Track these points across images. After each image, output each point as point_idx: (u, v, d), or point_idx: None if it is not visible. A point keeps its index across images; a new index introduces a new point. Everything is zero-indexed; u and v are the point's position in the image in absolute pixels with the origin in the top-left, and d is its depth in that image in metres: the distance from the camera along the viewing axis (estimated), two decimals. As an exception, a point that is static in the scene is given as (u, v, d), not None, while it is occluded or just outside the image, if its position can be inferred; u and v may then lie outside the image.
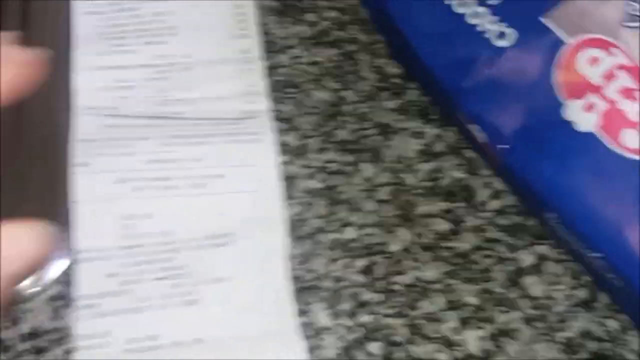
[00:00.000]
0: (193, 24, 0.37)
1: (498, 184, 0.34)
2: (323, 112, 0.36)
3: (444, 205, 0.33)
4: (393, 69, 0.37)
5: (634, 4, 0.30)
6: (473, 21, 0.31)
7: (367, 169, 0.34)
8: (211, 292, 0.30)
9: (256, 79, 0.35)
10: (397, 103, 0.36)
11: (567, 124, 0.28)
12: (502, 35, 0.30)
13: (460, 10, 0.31)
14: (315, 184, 0.34)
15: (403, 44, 0.35)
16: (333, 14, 0.39)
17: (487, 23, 0.31)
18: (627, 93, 0.28)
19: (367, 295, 0.31)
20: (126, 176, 0.32)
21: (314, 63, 0.37)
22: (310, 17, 0.39)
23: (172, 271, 0.30)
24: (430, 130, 0.35)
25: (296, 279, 0.31)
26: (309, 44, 0.38)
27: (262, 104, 0.35)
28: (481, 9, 0.31)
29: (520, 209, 0.33)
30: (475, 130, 0.31)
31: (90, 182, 0.32)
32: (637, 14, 0.30)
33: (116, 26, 0.36)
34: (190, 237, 0.31)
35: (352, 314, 0.31)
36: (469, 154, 0.35)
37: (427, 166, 0.34)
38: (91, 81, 0.34)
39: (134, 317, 0.29)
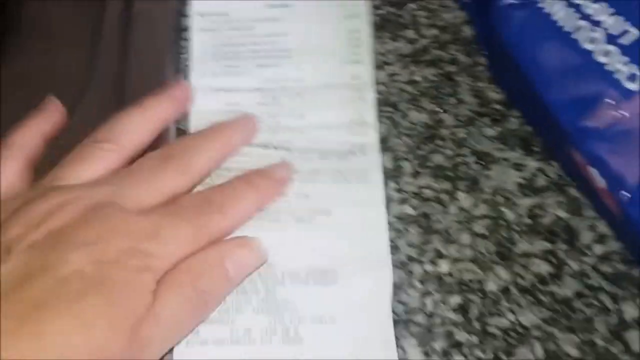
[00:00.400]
0: (306, 47, 0.35)
1: (603, 228, 0.32)
2: (419, 134, 0.34)
3: (544, 245, 0.31)
4: (494, 93, 0.35)
5: None
6: (602, 59, 0.29)
7: (464, 199, 0.32)
8: (313, 333, 0.28)
9: (366, 109, 0.34)
10: (497, 131, 0.34)
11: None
12: (632, 77, 0.28)
13: (587, 46, 0.29)
14: (408, 209, 0.32)
15: (511, 70, 0.33)
16: (433, 31, 0.37)
17: (617, 63, 0.29)
18: None
19: (462, 336, 0.29)
20: None
21: (412, 82, 0.35)
22: (409, 33, 0.37)
23: (272, 304, 0.29)
24: (532, 163, 0.33)
25: (386, 310, 0.29)
26: (407, 62, 0.36)
27: (371, 137, 0.33)
28: (611, 48, 0.29)
29: (626, 256, 0.31)
30: (592, 173, 0.29)
31: None
32: None
33: (230, 45, 0.35)
34: (292, 272, 0.29)
35: (445, 354, 0.29)
36: (573, 192, 0.32)
37: (527, 201, 0.32)
38: (205, 103, 0.33)
39: (234, 349, 0.27)
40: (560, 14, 0.31)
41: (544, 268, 0.31)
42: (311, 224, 0.30)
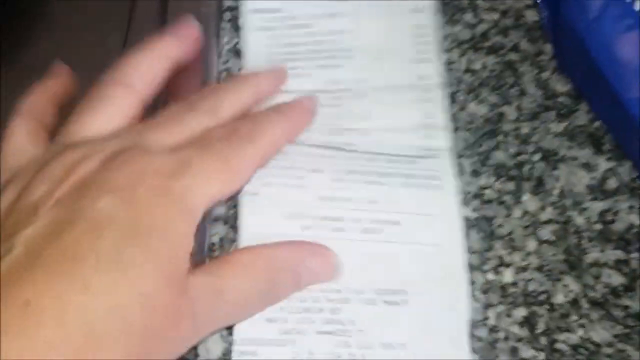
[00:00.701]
0: (369, 46, 0.32)
1: (681, 236, 0.29)
2: (479, 128, 0.31)
3: (616, 254, 0.29)
4: (561, 85, 0.32)
5: None
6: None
7: (529, 201, 0.30)
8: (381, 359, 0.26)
9: (436, 111, 0.31)
10: (564, 126, 0.32)
11: None
12: None
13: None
14: (468, 212, 0.30)
15: (582, 61, 0.30)
16: (494, 15, 0.34)
17: None
18: None
19: (528, 352, 0.27)
20: (296, 211, 0.28)
21: (470, 71, 0.33)
22: (467, 17, 0.34)
23: (337, 325, 0.26)
24: (603, 163, 0.31)
25: (446, 323, 0.27)
26: (465, 48, 0.33)
27: (443, 140, 0.30)
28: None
29: None
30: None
31: (259, 214, 0.28)
32: None
33: (289, 45, 0.32)
34: (359, 289, 0.27)
35: (510, 373, 0.27)
36: (648, 195, 0.30)
37: (598, 205, 0.30)
38: (263, 106, 0.30)
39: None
40: (644, 1, 0.28)
41: (616, 279, 0.28)
42: (379, 236, 0.28)
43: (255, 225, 0.28)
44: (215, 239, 0.29)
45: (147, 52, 0.28)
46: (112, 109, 0.27)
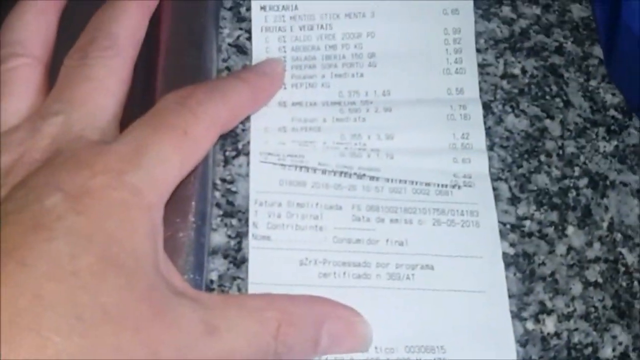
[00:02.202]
0: (396, 51, 0.28)
1: None
2: (518, 146, 0.27)
3: (673, 299, 0.25)
4: (611, 96, 0.28)
5: None
6: None
7: (575, 235, 0.26)
8: None
9: (472, 129, 0.27)
10: (614, 145, 0.28)
11: None
12: None
13: None
14: (505, 247, 0.26)
15: (637, 70, 0.26)
16: (535, 10, 0.30)
17: None
18: None
19: (572, 418, 0.24)
20: (313, 257, 0.24)
21: (508, 76, 0.29)
22: (505, 10, 0.30)
23: None
24: (658, 190, 0.27)
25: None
26: (502, 49, 0.29)
27: (480, 165, 0.26)
28: None
29: None
30: None
31: (272, 261, 0.24)
32: None
33: (303, 49, 0.28)
34: (388, 346, 0.23)
35: None
36: None
37: (652, 241, 0.26)
38: (269, 120, 0.26)
39: None
40: None
41: (672, 330, 0.25)
42: (410, 283, 0.24)
43: (265, 274, 0.24)
44: (213, 276, 0.25)
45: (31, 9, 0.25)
46: (19, 86, 0.24)
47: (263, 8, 0.28)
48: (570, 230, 0.26)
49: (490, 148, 0.27)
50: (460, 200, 0.25)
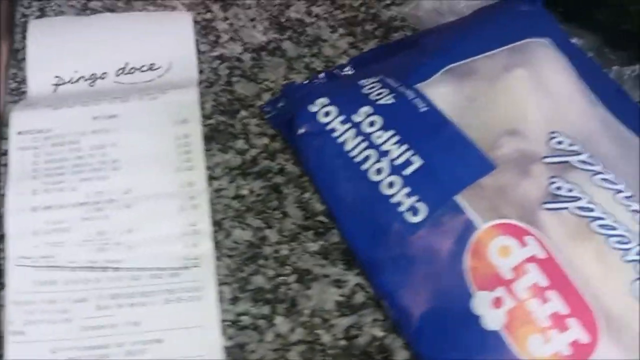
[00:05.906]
0: (135, 156, 0.35)
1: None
2: (242, 254, 0.34)
3: (359, 369, 0.32)
4: (320, 204, 0.35)
5: (557, 180, 0.28)
6: (387, 191, 0.29)
7: (281, 324, 0.33)
8: None
9: (200, 217, 0.33)
10: (320, 245, 0.34)
11: (475, 319, 0.27)
12: (414, 210, 0.29)
13: (375, 178, 0.30)
14: (224, 341, 0.32)
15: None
16: (264, 140, 0.37)
17: (400, 195, 0.29)
18: (537, 291, 0.26)
19: None
20: (62, 346, 0.30)
21: (239, 197, 0.36)
22: (239, 143, 0.37)
23: None
24: (352, 278, 0.34)
25: None
26: (234, 175, 0.36)
27: (205, 246, 0.32)
28: (395, 178, 0.29)
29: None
30: (385, 305, 0.29)
31: (27, 353, 0.30)
32: (559, 192, 0.28)
33: (53, 161, 0.34)
34: None
35: None
36: (391, 308, 0.33)
37: (344, 321, 0.33)
38: (24, 225, 0.32)
39: None
40: (349, 143, 0.31)
41: (356, 393, 0.31)
42: (142, 356, 0.30)
43: None
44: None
45: None
46: None
47: (19, 133, 0.35)
48: (278, 320, 0.33)
49: (219, 258, 0.34)
50: (188, 279, 0.32)
